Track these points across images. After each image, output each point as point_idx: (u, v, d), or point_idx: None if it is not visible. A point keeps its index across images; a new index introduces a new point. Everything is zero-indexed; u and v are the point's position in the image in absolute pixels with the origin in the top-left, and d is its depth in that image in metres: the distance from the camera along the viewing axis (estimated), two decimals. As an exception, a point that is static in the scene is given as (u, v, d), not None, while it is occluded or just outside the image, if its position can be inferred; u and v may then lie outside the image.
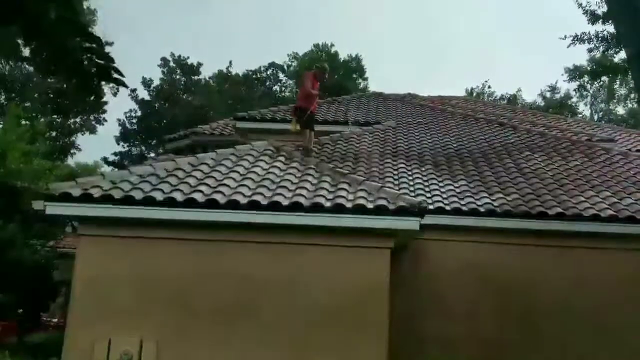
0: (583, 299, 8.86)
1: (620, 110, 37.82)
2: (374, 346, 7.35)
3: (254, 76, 38.85)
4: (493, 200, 9.40)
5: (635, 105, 33.99)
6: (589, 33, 12.81)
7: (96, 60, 3.25)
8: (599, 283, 8.91)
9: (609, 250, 9.01)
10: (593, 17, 11.35)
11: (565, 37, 13.57)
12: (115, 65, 3.30)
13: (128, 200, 7.63)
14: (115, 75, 3.39)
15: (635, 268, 8.86)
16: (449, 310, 8.86)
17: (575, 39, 12.91)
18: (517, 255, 9.05)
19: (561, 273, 8.99)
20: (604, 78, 30.20)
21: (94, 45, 3.29)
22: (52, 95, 30.78)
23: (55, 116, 32.09)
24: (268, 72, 39.82)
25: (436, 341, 8.56)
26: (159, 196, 7.69)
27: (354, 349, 7.31)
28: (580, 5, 12.66)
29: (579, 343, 8.66)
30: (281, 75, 40.07)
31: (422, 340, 8.61)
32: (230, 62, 38.54)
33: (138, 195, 7.70)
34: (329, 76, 11.51)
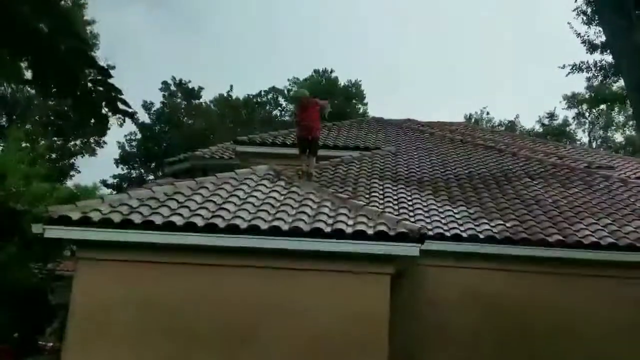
0: (583, 326, 8.79)
1: (619, 137, 38.02)
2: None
3: (254, 100, 39.10)
4: (493, 226, 9.38)
5: (633, 133, 34.14)
6: (587, 62, 12.97)
7: (104, 92, 3.30)
8: (599, 311, 8.85)
9: (609, 278, 8.97)
10: (591, 47, 11.50)
11: (564, 66, 13.74)
12: (122, 97, 3.35)
13: (127, 224, 7.61)
14: (123, 107, 3.44)
15: (635, 296, 8.81)
16: (449, 336, 8.78)
17: (574, 67, 13.06)
18: (517, 281, 9.00)
19: (561, 300, 8.93)
20: (602, 106, 30.42)
21: (102, 78, 3.35)
22: (52, 118, 30.90)
23: (55, 138, 32.18)
24: (268, 97, 40.11)
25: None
26: (158, 220, 7.67)
27: (353, 376, 7.22)
28: (578, 34, 12.84)
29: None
30: (281, 100, 40.34)
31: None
32: (231, 87, 38.74)
33: (137, 219, 7.68)
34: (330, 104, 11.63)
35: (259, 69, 64.74)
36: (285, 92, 40.17)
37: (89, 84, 3.27)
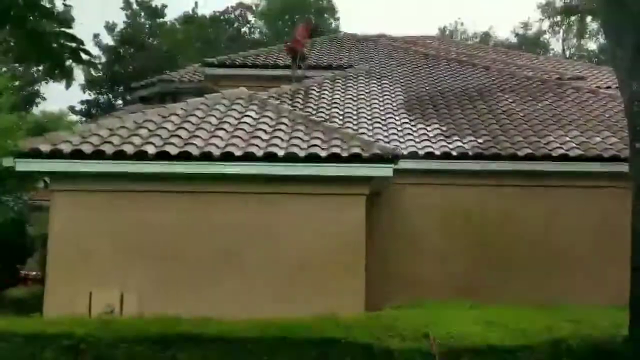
0: (554, 237, 9.15)
1: (592, 45, 37.91)
2: (352, 288, 7.56)
3: (221, 17, 37.69)
4: (465, 143, 9.51)
5: (606, 41, 34.02)
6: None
7: (66, 43, 3.20)
8: (569, 221, 9.18)
9: (579, 188, 9.25)
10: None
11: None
12: (84, 46, 3.26)
13: (99, 155, 7.54)
14: (85, 57, 3.36)
15: (603, 205, 9.11)
16: (424, 251, 9.10)
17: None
18: (489, 196, 9.25)
19: (532, 212, 9.23)
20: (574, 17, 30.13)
21: (63, 30, 3.23)
22: (12, 44, 29.54)
23: (17, 64, 30.89)
24: (236, 13, 38.65)
25: (411, 282, 8.79)
26: (130, 150, 7.60)
27: (333, 292, 7.48)
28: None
29: (550, 281, 8.93)
30: (250, 17, 38.95)
31: (398, 281, 8.84)
32: (196, 3, 37.27)
33: (109, 149, 7.60)
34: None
35: (226, -17, 61.72)
36: (254, 7, 38.77)
37: (52, 38, 3.16)
